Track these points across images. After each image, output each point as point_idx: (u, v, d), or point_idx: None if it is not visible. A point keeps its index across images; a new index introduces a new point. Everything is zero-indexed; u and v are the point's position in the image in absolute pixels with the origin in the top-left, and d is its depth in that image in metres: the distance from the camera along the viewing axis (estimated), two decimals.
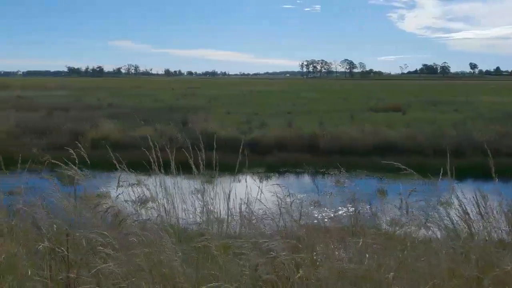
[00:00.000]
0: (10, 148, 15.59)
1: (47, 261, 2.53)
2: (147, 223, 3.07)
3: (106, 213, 2.75)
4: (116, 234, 2.75)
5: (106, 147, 17.78)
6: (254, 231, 4.39)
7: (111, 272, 2.40)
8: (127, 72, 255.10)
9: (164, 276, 2.55)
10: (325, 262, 2.92)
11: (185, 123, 21.66)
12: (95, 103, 35.05)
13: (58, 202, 3.41)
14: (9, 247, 2.60)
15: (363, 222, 5.22)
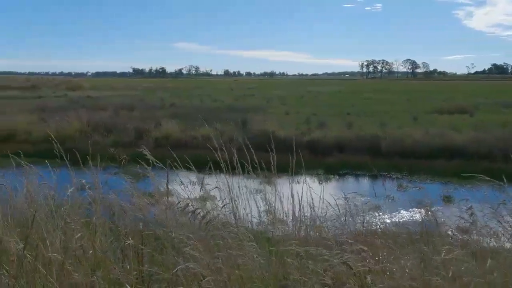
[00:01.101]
0: (83, 145, 16.49)
1: (129, 257, 2.62)
2: (226, 225, 3.07)
3: (194, 214, 2.77)
4: (199, 236, 2.77)
5: (168, 145, 18.37)
6: (318, 234, 4.35)
7: (193, 273, 2.44)
8: (188, 73, 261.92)
9: (242, 280, 2.55)
10: (396, 271, 2.82)
11: (244, 123, 21.88)
12: (158, 103, 36.25)
13: (136, 199, 3.53)
14: (93, 242, 2.72)
15: (430, 229, 5.01)
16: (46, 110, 27.99)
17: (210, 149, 4.57)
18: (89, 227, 3.19)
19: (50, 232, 2.90)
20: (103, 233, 2.91)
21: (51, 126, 21.05)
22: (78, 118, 22.57)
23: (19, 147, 15.98)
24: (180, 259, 2.57)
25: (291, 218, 4.47)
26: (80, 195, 4.45)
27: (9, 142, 18.78)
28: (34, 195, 3.87)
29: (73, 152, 4.60)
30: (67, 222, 3.30)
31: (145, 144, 19.79)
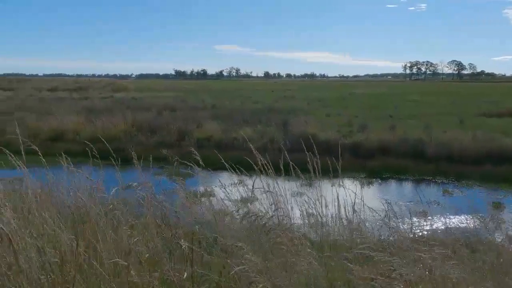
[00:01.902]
0: (128, 145, 16.96)
1: (179, 258, 2.65)
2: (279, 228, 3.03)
3: (247, 217, 2.76)
4: (251, 238, 2.76)
5: (210, 146, 18.46)
6: (361, 239, 4.27)
7: (245, 276, 2.44)
8: (228, 74, 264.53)
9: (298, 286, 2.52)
10: (446, 282, 2.72)
11: (285, 125, 21.84)
12: (200, 104, 36.76)
13: (184, 200, 3.58)
14: (146, 242, 2.76)
15: (478, 237, 4.82)
16: (93, 111, 28.96)
17: (251, 151, 4.58)
18: (139, 227, 3.26)
19: (102, 231, 2.98)
20: (155, 233, 2.95)
21: (97, 126, 21.79)
22: (123, 118, 23.24)
23: (68, 146, 16.68)
24: (230, 261, 2.58)
25: (334, 221, 4.42)
26: (128, 194, 4.58)
27: (59, 142, 19.57)
28: (83, 194, 4.00)
29: (118, 151, 4.71)
30: (118, 222, 3.39)
31: (187, 144, 20.11)
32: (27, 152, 3.96)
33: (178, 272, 2.47)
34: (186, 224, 3.32)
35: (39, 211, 2.94)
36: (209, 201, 5.05)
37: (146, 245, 2.79)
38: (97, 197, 4.05)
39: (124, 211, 3.70)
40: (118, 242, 2.74)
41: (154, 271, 2.48)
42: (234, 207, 4.60)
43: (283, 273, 2.54)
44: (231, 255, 2.71)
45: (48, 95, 50.79)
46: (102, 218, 3.12)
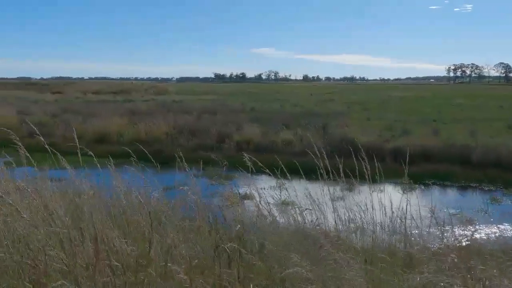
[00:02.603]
0: (169, 148, 17.30)
1: (225, 260, 2.66)
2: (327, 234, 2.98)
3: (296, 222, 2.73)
4: (300, 244, 2.73)
5: (249, 149, 18.43)
6: (408, 245, 4.15)
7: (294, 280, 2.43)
8: (267, 78, 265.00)
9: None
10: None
11: (324, 129, 21.63)
12: (239, 107, 36.98)
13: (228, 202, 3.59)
14: (195, 244, 2.78)
15: None
16: (135, 113, 29.69)
17: (290, 154, 4.55)
18: (184, 229, 3.29)
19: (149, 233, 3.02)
20: (204, 236, 2.96)
21: (140, 128, 22.31)
22: (164, 121, 23.71)
23: (112, 148, 17.15)
24: (277, 266, 2.56)
25: (376, 227, 4.32)
26: (172, 196, 4.65)
27: (103, 143, 20.16)
28: (131, 195, 4.09)
29: (160, 153, 4.79)
30: (163, 223, 3.44)
31: (227, 147, 20.19)
32: (72, 153, 4.06)
33: (226, 275, 2.47)
34: (232, 227, 3.33)
35: (90, 212, 3.02)
36: (253, 204, 5.05)
37: (194, 248, 2.81)
38: (144, 198, 4.13)
39: (171, 213, 3.75)
40: (167, 244, 2.76)
41: (203, 274, 2.49)
42: (276, 210, 4.59)
43: (331, 281, 2.50)
44: (278, 260, 2.69)
45: (92, 97, 52.54)
46: (149, 219, 3.16)
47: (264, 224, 3.74)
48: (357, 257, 2.96)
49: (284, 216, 3.76)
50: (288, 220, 3.78)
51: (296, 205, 4.42)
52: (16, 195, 3.42)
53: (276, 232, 3.32)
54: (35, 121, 25.39)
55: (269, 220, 3.91)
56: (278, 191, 4.90)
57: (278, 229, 3.41)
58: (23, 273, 2.43)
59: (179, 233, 3.21)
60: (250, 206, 5.02)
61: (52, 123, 24.70)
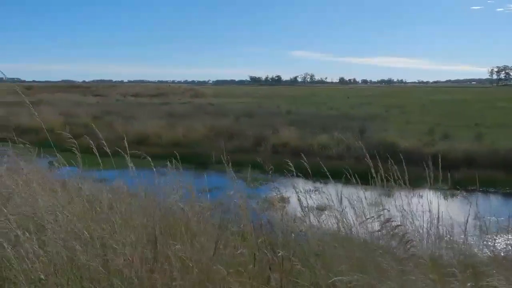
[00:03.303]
0: (206, 150, 17.51)
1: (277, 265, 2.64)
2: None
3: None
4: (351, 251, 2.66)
5: (286, 152, 18.32)
6: (453, 254, 4.02)
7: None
8: (303, 80, 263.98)
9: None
10: None
11: (362, 132, 21.32)
12: (275, 110, 36.98)
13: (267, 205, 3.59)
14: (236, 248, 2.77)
15: None
16: (173, 116, 30.21)
17: (327, 157, 4.51)
18: (227, 232, 3.30)
19: (193, 235, 3.06)
20: (249, 240, 2.96)
21: (178, 131, 22.68)
22: (202, 124, 24.01)
23: (151, 149, 17.50)
24: (323, 271, 2.53)
25: (418, 234, 4.20)
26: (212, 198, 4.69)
27: (142, 145, 20.60)
28: (175, 197, 4.16)
29: (197, 156, 4.86)
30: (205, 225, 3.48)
31: (263, 150, 20.13)
32: (113, 154, 4.15)
33: (270, 280, 2.47)
34: (275, 231, 3.33)
35: (137, 214, 3.09)
36: (292, 207, 5.04)
37: (237, 251, 2.82)
38: (188, 200, 4.20)
39: (213, 216, 3.80)
40: (211, 246, 2.79)
41: (247, 278, 2.49)
42: (316, 214, 4.56)
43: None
44: (324, 265, 2.66)
45: (132, 100, 53.84)
46: (194, 221, 3.21)
47: (305, 228, 3.72)
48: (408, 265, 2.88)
49: (325, 220, 3.72)
50: (328, 224, 3.74)
51: (335, 209, 4.37)
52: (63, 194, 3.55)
53: (318, 236, 3.29)
54: (79, 122, 26.28)
55: (309, 224, 3.88)
56: (316, 195, 4.87)
57: (320, 233, 3.38)
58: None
59: (221, 235, 3.23)
60: (289, 209, 5.01)
61: (95, 125, 25.45)
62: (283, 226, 3.40)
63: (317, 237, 3.27)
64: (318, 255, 2.81)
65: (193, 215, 3.39)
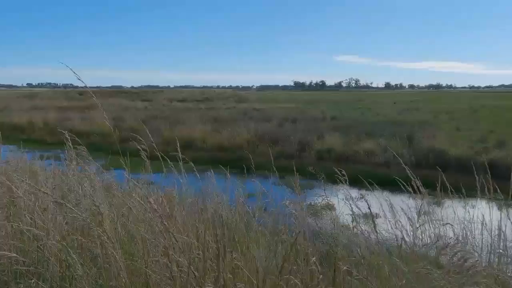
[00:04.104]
0: (251, 155, 17.56)
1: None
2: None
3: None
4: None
5: (330, 158, 18.02)
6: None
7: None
8: (347, 85, 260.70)
9: None
10: None
11: (410, 138, 20.74)
12: (319, 116, 36.68)
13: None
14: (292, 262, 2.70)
15: None
16: (218, 121, 30.59)
17: (373, 164, 4.40)
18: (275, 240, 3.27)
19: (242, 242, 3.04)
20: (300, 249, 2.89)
21: (223, 136, 22.93)
22: (246, 129, 24.16)
23: (196, 154, 17.80)
24: (374, 282, 2.45)
25: (473, 248, 4.01)
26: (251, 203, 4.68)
27: (188, 149, 21.00)
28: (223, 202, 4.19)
29: (242, 160, 4.87)
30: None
31: (307, 156, 19.92)
32: (157, 158, 4.22)
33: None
34: (330, 241, 3.27)
35: (187, 219, 3.11)
36: (336, 215, 4.94)
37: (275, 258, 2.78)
38: (234, 205, 4.21)
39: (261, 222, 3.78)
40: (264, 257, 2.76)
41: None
42: (363, 223, 4.45)
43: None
44: (380, 280, 2.58)
45: (178, 105, 54.97)
46: (242, 227, 3.21)
47: (350, 235, 3.63)
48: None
49: (377, 230, 3.61)
50: (381, 234, 3.63)
51: (386, 218, 4.26)
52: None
53: (372, 247, 3.19)
54: (127, 126, 27.14)
55: (361, 234, 3.79)
56: (364, 203, 4.76)
57: (373, 244, 3.28)
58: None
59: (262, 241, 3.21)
60: (337, 217, 4.91)
61: (143, 129, 26.14)
62: (336, 236, 3.33)
63: (371, 248, 3.18)
64: (374, 269, 2.72)
65: (240, 220, 3.39)
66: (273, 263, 2.54)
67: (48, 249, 2.51)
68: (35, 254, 2.51)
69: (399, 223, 3.78)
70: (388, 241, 3.53)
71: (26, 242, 2.63)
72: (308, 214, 6.00)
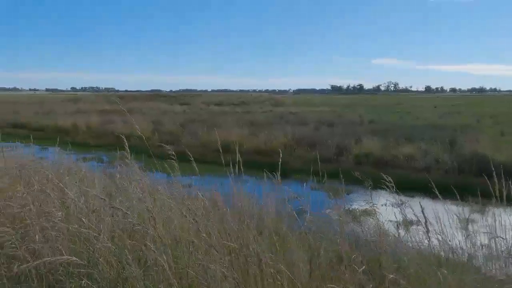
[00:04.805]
0: (287, 159, 17.56)
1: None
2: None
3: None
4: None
5: (368, 163, 17.70)
6: None
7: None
8: (386, 89, 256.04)
9: None
10: None
11: (452, 143, 20.13)
12: (356, 119, 36.19)
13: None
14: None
15: None
16: (254, 124, 30.69)
17: (413, 169, 4.29)
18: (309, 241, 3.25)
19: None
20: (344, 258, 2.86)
21: (259, 139, 22.98)
22: (283, 132, 24.12)
23: (233, 157, 17.85)
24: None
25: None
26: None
27: (225, 153, 21.12)
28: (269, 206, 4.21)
29: (279, 164, 4.85)
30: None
31: (345, 160, 19.63)
32: (200, 161, 4.27)
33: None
34: (373, 248, 3.22)
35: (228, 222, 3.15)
36: (376, 220, 4.85)
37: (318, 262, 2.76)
38: (273, 209, 4.23)
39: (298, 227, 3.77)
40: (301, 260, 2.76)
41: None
42: (404, 230, 4.37)
43: None
44: (422, 282, 2.52)
45: (215, 109, 55.57)
46: (283, 232, 3.21)
47: (396, 243, 3.57)
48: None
49: (420, 238, 3.53)
50: (425, 242, 3.54)
51: (417, 224, 4.16)
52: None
53: (416, 256, 3.12)
54: (166, 130, 27.67)
55: (395, 238, 3.72)
56: (405, 209, 4.66)
57: (417, 252, 3.20)
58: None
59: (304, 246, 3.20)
60: (376, 224, 4.83)
61: (180, 132, 26.59)
62: (381, 243, 3.27)
63: (418, 257, 3.10)
64: (421, 279, 2.66)
65: (282, 224, 3.39)
66: (315, 270, 2.53)
67: (98, 250, 2.59)
68: (86, 255, 2.60)
69: (446, 232, 3.69)
70: (435, 250, 3.44)
71: (78, 244, 2.73)
72: (347, 219, 5.95)
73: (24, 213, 3.01)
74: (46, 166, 5.44)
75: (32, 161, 5.83)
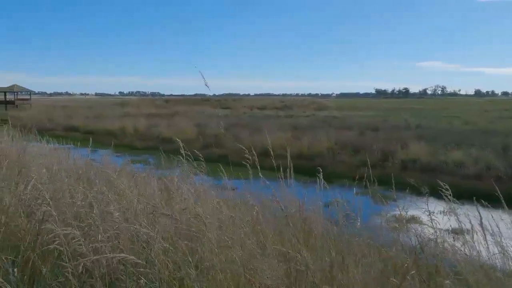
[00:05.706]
0: (330, 163, 17.44)
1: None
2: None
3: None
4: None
5: (415, 168, 17.30)
6: None
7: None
8: (433, 93, 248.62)
9: None
10: None
11: (505, 149, 19.29)
12: (402, 124, 35.37)
13: None
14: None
15: None
16: (297, 128, 30.61)
17: (463, 176, 4.14)
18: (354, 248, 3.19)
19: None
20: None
21: (303, 143, 22.89)
22: (326, 136, 23.92)
23: (276, 161, 17.88)
24: None
25: None
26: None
27: (268, 157, 21.18)
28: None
29: (321, 168, 4.81)
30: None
31: (390, 166, 19.25)
32: (236, 164, 4.32)
33: None
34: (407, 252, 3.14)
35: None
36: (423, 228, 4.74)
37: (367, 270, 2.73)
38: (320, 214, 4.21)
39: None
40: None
41: None
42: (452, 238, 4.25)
43: None
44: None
45: (258, 113, 55.85)
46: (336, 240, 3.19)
47: (448, 250, 3.47)
48: None
49: (475, 248, 3.41)
50: (481, 254, 3.42)
51: (467, 233, 4.02)
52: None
53: (469, 260, 3.03)
54: (210, 133, 28.05)
55: (452, 247, 3.61)
56: (457, 217, 4.52)
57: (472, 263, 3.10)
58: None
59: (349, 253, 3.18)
60: (425, 232, 4.72)
61: (224, 136, 26.91)
62: (438, 252, 3.19)
63: (476, 266, 3.01)
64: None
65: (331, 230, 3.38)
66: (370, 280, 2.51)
67: (156, 250, 2.69)
68: (144, 255, 2.70)
69: (504, 241, 3.55)
70: (489, 260, 3.32)
71: (136, 244, 2.84)
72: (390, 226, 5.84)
73: (86, 213, 3.16)
74: (103, 168, 5.68)
75: (89, 163, 6.10)
